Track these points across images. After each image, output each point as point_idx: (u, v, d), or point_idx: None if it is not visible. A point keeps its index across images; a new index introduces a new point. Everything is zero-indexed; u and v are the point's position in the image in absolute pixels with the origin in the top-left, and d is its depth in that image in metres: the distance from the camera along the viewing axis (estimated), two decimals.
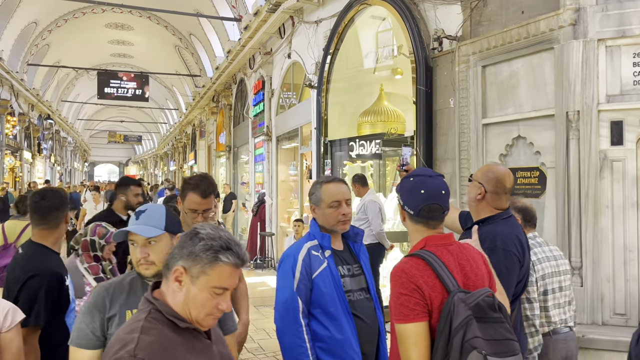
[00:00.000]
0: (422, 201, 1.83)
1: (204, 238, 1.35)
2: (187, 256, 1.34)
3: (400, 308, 1.70)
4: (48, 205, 2.41)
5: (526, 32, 4.33)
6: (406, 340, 1.68)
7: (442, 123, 5.41)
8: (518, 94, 4.50)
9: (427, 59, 5.51)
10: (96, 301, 1.72)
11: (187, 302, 1.35)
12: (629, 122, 3.85)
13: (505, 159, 4.65)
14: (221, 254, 1.33)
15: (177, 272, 1.35)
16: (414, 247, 1.87)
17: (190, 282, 1.34)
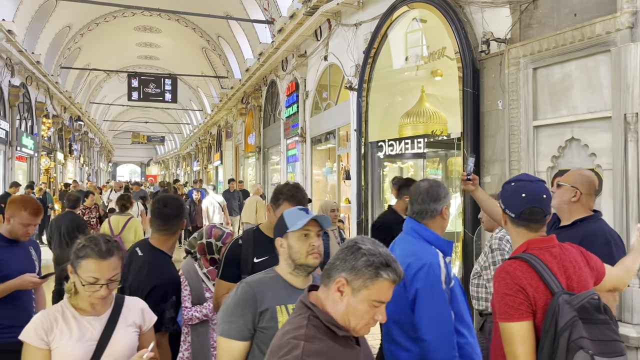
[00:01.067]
0: (523, 205, 1.91)
1: (366, 253, 1.43)
2: (350, 270, 1.43)
3: (504, 308, 1.77)
4: (170, 212, 2.56)
5: (581, 34, 4.36)
6: (512, 339, 1.76)
7: (489, 125, 5.45)
8: (572, 96, 4.53)
9: (474, 62, 5.56)
10: (246, 297, 1.84)
11: (347, 312, 1.43)
12: None
13: (557, 161, 4.69)
14: (382, 270, 1.41)
15: (340, 282, 1.44)
16: (516, 249, 1.94)
17: (351, 293, 1.42)
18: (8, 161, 13.90)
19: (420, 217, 2.35)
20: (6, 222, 2.78)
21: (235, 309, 1.83)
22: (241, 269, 2.53)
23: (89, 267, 1.86)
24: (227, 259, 2.60)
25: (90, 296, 1.88)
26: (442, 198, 2.34)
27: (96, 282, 1.86)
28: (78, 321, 1.91)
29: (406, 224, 2.43)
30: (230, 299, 1.88)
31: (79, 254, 1.89)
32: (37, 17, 14.67)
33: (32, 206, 2.77)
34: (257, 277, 1.93)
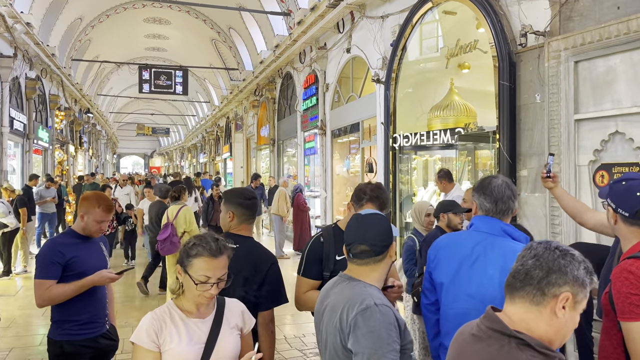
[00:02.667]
0: (638, 203, 1.90)
1: (581, 260, 1.31)
2: (574, 281, 1.28)
3: (630, 307, 1.74)
4: (255, 202, 2.63)
5: (626, 28, 4.34)
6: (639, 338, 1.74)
7: (526, 118, 5.45)
8: (616, 89, 4.53)
9: (511, 54, 5.54)
10: (392, 320, 1.70)
11: (566, 328, 1.30)
12: None
13: (599, 154, 4.69)
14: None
15: (565, 298, 1.28)
16: (630, 249, 1.93)
17: (573, 307, 1.29)
18: (26, 154, 13.92)
19: (504, 215, 2.21)
20: (79, 219, 2.80)
21: (389, 335, 1.65)
22: (323, 266, 2.55)
23: (201, 266, 1.83)
24: (309, 256, 2.60)
25: (199, 295, 1.86)
26: (517, 196, 2.30)
27: (207, 280, 1.84)
28: (185, 323, 1.88)
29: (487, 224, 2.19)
30: (374, 327, 1.66)
31: (190, 253, 1.86)
32: (52, 8, 14.63)
33: (105, 203, 2.79)
34: (378, 295, 1.78)
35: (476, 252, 2.10)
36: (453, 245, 2.16)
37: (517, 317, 1.31)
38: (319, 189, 10.90)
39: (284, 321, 6.25)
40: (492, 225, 2.15)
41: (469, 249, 2.12)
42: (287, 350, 5.35)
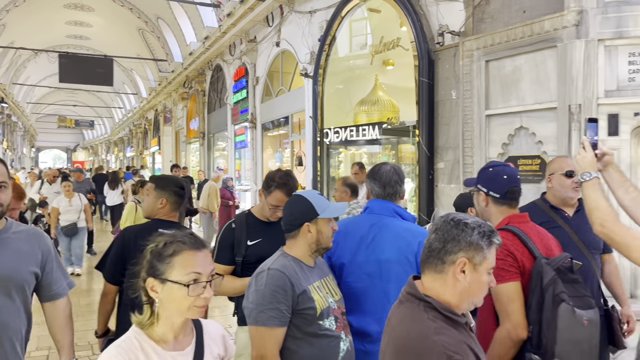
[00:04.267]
0: (506, 185, 2.17)
1: (475, 226, 1.42)
2: (468, 247, 1.41)
3: (497, 271, 1.93)
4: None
5: (530, 30, 4.71)
6: (505, 298, 1.98)
7: (443, 113, 5.76)
8: (521, 87, 4.89)
9: (430, 52, 5.83)
10: (282, 282, 1.90)
11: (470, 290, 1.42)
12: (623, 115, 4.30)
13: (507, 147, 5.05)
14: (493, 237, 1.44)
15: (461, 263, 1.40)
16: (497, 225, 2.18)
17: (473, 270, 1.41)
18: None
19: (393, 198, 2.36)
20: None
21: (273, 295, 1.86)
22: (235, 252, 2.60)
23: (187, 263, 1.44)
24: (221, 243, 2.64)
25: (191, 307, 1.43)
26: (404, 180, 2.45)
27: (199, 278, 1.43)
28: (163, 358, 1.45)
29: (380, 206, 2.33)
30: (261, 286, 1.90)
31: (164, 254, 1.46)
32: None
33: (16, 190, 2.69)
34: (281, 262, 1.98)
35: (372, 232, 2.24)
36: (351, 228, 2.30)
37: (428, 285, 1.46)
38: (249, 183, 10.88)
39: (213, 314, 6.23)
40: (384, 207, 2.31)
41: (366, 230, 2.26)
42: None
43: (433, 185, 5.86)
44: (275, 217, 2.64)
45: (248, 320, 1.92)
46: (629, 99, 4.29)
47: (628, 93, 4.30)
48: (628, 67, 4.31)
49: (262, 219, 2.71)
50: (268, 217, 2.68)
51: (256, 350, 1.89)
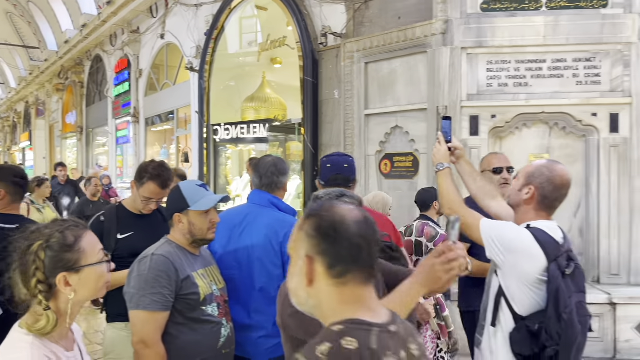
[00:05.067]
0: (329, 173, 2.30)
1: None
2: None
3: None
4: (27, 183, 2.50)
5: (404, 36, 5.05)
6: None
7: (327, 112, 5.96)
8: (396, 89, 5.22)
9: (314, 52, 6.00)
10: (165, 267, 1.89)
11: None
12: (483, 117, 4.76)
13: (384, 146, 5.36)
14: None
15: None
16: None
17: None
18: None
19: (270, 189, 2.41)
20: None
21: (156, 280, 1.87)
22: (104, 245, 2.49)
23: (91, 242, 1.42)
24: None
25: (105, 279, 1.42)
26: (287, 172, 2.51)
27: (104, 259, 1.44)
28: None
29: (257, 197, 2.39)
30: (144, 271, 1.89)
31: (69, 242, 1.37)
32: None
33: None
34: (165, 249, 1.97)
35: (246, 222, 2.28)
36: (227, 218, 2.32)
37: None
38: (130, 180, 10.36)
39: None
40: (261, 197, 2.37)
41: (240, 219, 2.30)
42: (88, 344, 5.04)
43: None
44: (148, 209, 2.57)
45: (129, 305, 1.90)
46: (487, 102, 4.76)
47: (486, 97, 4.77)
48: (487, 74, 4.78)
49: (134, 211, 2.64)
50: (141, 209, 2.60)
51: (137, 335, 1.87)
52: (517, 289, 1.97)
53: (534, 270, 1.92)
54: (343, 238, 1.02)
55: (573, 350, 1.88)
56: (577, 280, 1.94)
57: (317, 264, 1.03)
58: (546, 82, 4.71)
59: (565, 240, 2.02)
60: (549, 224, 2.04)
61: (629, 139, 4.58)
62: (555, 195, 2.04)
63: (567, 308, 1.85)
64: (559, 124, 4.72)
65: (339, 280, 1.03)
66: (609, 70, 4.63)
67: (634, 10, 4.58)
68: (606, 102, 4.61)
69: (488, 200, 2.33)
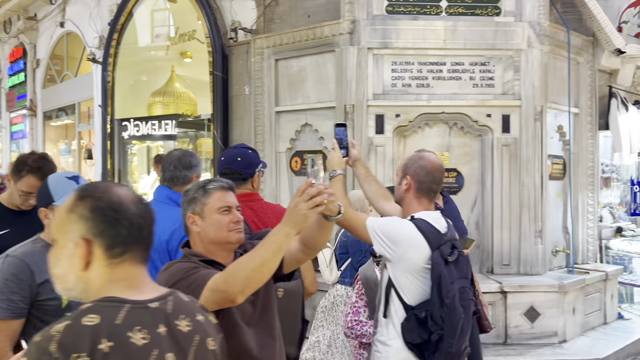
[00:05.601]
0: (221, 166, 2.34)
1: (192, 187, 1.75)
2: (188, 204, 1.74)
3: None
4: None
5: (313, 34, 5.09)
6: None
7: (237, 108, 5.87)
8: (306, 86, 5.25)
9: (224, 47, 5.89)
10: (18, 270, 1.74)
11: (207, 235, 1.72)
12: (388, 116, 4.92)
13: (294, 143, 5.37)
14: (207, 186, 1.73)
15: (189, 219, 1.72)
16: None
17: (202, 220, 1.73)
18: None
19: (172, 183, 2.39)
20: None
21: (5, 284, 1.73)
22: None
23: None
24: None
25: None
26: (194, 166, 2.45)
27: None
28: None
29: (157, 193, 2.41)
30: None
31: None
32: None
33: None
34: (25, 249, 1.82)
35: None
36: None
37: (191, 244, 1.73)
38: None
39: None
40: (160, 193, 2.36)
41: None
42: None
43: None
44: (28, 205, 2.39)
45: None
46: (392, 102, 4.92)
47: (391, 97, 4.93)
48: (391, 74, 4.94)
49: (11, 207, 2.47)
50: (19, 205, 2.42)
51: None
52: (405, 279, 2.05)
53: (419, 260, 2.01)
54: (123, 218, 1.02)
55: (457, 333, 1.98)
56: (460, 267, 2.06)
57: (94, 246, 1.01)
58: (446, 83, 4.95)
59: (448, 230, 2.13)
60: (432, 214, 2.14)
61: (518, 139, 4.93)
62: (429, 178, 2.14)
63: (449, 293, 1.94)
64: (457, 124, 4.98)
65: (115, 260, 1.02)
66: (502, 74, 4.96)
67: (524, 19, 4.94)
68: (499, 104, 4.94)
69: (382, 202, 2.40)
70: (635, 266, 6.24)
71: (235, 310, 1.53)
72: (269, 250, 1.38)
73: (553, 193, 5.33)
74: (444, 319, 1.95)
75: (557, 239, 5.37)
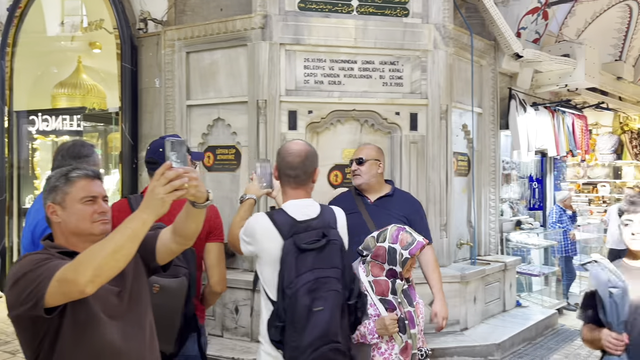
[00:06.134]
0: (147, 156, 2.35)
1: (52, 175, 1.66)
2: (49, 193, 1.63)
3: None
4: None
5: (225, 27, 5.01)
6: None
7: (147, 101, 5.66)
8: (218, 80, 5.15)
9: (133, 38, 5.66)
10: None
11: (67, 226, 1.63)
12: (300, 112, 4.94)
13: (207, 138, 5.26)
14: (69, 174, 1.63)
15: (50, 208, 1.61)
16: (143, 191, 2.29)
17: (62, 210, 1.64)
18: None
19: None
20: None
21: None
22: None
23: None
24: None
25: None
26: (83, 156, 2.38)
27: None
28: None
29: (46, 183, 2.41)
30: None
31: None
32: None
33: None
34: None
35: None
36: None
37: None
38: None
39: None
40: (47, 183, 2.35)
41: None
42: None
43: (137, 174, 5.71)
44: None
45: None
46: (305, 98, 4.94)
47: (304, 93, 4.96)
48: (304, 71, 4.97)
49: None
50: None
51: None
52: (268, 273, 2.00)
53: (275, 250, 1.96)
54: None
55: (300, 326, 1.85)
56: (325, 256, 1.95)
57: None
58: (357, 81, 5.05)
59: (320, 217, 2.07)
60: (297, 202, 2.11)
61: (425, 136, 5.12)
62: (283, 164, 2.13)
63: (291, 283, 1.85)
64: (368, 121, 5.10)
65: None
66: (410, 74, 5.13)
67: (430, 21, 5.14)
68: (407, 103, 5.10)
69: None
70: (533, 257, 6.70)
71: (93, 302, 1.44)
72: (123, 237, 1.32)
73: (458, 188, 5.59)
74: (286, 310, 1.86)
75: (461, 232, 5.64)
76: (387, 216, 2.75)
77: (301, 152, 2.13)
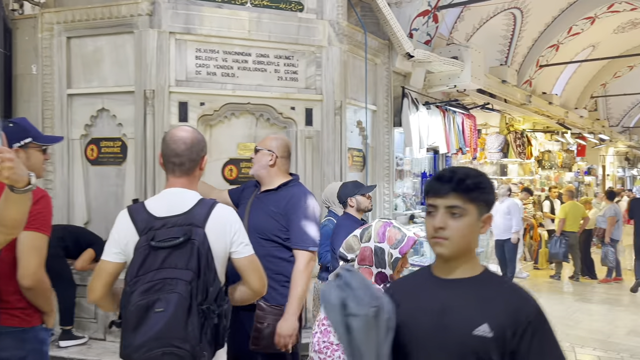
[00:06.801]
0: None
1: None
2: None
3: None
4: None
5: (110, 12, 4.73)
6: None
7: (23, 89, 5.20)
8: (103, 68, 4.85)
9: (6, 20, 5.16)
10: None
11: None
12: (191, 103, 4.78)
13: (90, 129, 4.94)
14: None
15: None
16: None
17: None
18: None
19: None
20: None
21: None
22: None
23: None
24: None
25: None
26: None
27: None
28: None
29: None
30: None
31: None
32: None
33: None
34: None
35: None
36: None
37: None
38: None
39: None
40: None
41: None
42: None
43: None
44: None
45: None
46: (196, 89, 4.79)
47: (195, 84, 4.80)
48: (195, 61, 4.81)
49: None
50: None
51: None
52: None
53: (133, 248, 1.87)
54: None
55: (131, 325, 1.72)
56: (180, 256, 1.79)
57: None
58: (251, 74, 4.98)
59: (188, 214, 1.90)
60: (170, 192, 2.02)
61: (320, 131, 5.16)
62: (168, 151, 2.02)
63: (131, 281, 1.76)
64: (264, 115, 5.04)
65: None
66: (305, 69, 5.14)
67: (325, 17, 5.19)
68: (302, 98, 5.11)
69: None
70: (425, 249, 7.01)
71: None
72: None
73: None
74: (123, 308, 1.78)
75: None
76: (261, 212, 2.66)
77: (187, 138, 2.02)
